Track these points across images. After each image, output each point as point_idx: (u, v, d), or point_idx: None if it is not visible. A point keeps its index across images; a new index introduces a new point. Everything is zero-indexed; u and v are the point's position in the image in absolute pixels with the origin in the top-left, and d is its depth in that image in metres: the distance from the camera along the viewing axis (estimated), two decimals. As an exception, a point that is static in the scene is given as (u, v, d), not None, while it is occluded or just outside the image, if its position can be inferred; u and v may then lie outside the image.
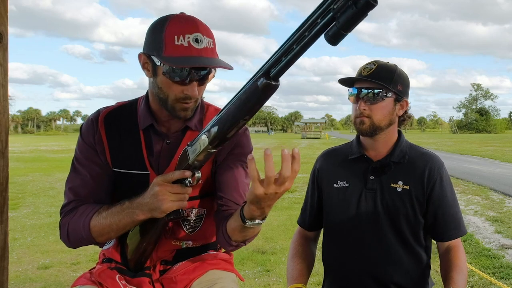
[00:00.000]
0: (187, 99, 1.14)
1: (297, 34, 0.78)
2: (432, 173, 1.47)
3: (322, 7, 0.74)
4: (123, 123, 1.27)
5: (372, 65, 1.47)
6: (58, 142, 36.32)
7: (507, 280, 3.57)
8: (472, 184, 9.34)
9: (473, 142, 34.26)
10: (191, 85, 1.12)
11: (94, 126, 1.27)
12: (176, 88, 1.12)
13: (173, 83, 1.12)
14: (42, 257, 4.20)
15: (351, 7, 0.70)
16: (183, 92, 1.12)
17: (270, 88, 0.86)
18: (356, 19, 0.71)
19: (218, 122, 0.97)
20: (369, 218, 1.47)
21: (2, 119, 1.39)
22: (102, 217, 1.17)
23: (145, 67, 1.17)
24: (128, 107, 1.30)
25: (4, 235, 1.42)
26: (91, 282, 1.28)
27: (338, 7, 0.71)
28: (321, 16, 0.74)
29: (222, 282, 1.29)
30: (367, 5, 0.69)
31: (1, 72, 1.37)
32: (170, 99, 1.14)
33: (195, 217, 1.29)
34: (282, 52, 0.81)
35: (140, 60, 1.17)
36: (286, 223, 5.62)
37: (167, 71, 1.10)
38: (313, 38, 0.77)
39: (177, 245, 1.31)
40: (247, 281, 3.53)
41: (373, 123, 1.45)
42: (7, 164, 1.41)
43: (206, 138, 1.00)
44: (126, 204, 1.15)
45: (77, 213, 1.21)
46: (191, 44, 1.08)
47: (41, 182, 9.95)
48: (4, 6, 1.37)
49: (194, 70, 1.10)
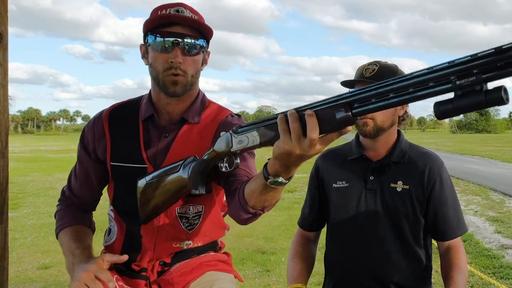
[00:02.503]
0: (173, 69, 1.16)
1: (400, 84, 0.70)
2: (432, 173, 1.47)
3: (440, 71, 0.65)
4: (126, 117, 1.31)
5: (374, 65, 1.46)
6: (58, 142, 36.30)
7: (507, 280, 3.57)
8: (472, 184, 9.34)
9: (473, 142, 34.25)
10: (174, 52, 1.16)
11: (95, 124, 1.32)
12: (162, 58, 1.17)
13: (159, 54, 1.17)
14: (42, 257, 4.20)
15: (479, 94, 0.61)
16: (168, 61, 1.16)
17: (348, 122, 0.78)
18: (478, 107, 0.62)
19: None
20: (369, 218, 1.47)
21: (2, 119, 1.39)
22: (63, 240, 1.32)
23: (144, 56, 1.24)
24: (133, 103, 1.34)
25: (4, 235, 1.42)
26: None
27: (461, 84, 0.62)
28: (436, 81, 0.65)
29: (220, 284, 1.29)
30: (498, 101, 0.60)
31: (1, 72, 1.37)
32: (160, 73, 1.18)
33: (193, 214, 1.28)
34: (374, 92, 0.74)
35: (141, 51, 1.25)
36: (286, 223, 5.62)
37: (152, 43, 1.18)
38: (417, 98, 0.69)
39: (178, 246, 1.30)
40: (247, 281, 3.52)
41: (377, 124, 1.44)
42: (7, 164, 1.41)
43: (258, 136, 0.93)
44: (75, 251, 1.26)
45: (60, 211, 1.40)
46: (172, 13, 1.17)
47: (41, 182, 9.95)
48: (4, 6, 1.37)
49: (176, 37, 1.16)
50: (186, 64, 1.18)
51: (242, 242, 4.74)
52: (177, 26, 1.16)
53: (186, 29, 1.17)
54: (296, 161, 0.87)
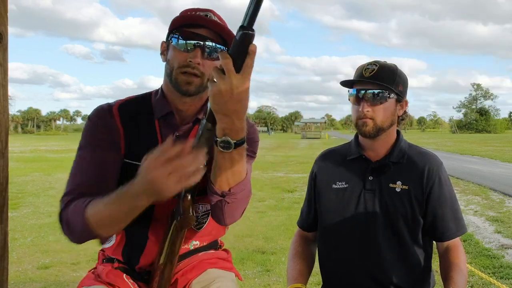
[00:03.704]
0: (190, 67, 1.15)
1: None
2: (431, 173, 1.47)
3: None
4: (139, 114, 1.26)
5: (374, 65, 1.46)
6: (58, 142, 36.31)
7: (507, 280, 3.57)
8: (472, 184, 9.34)
9: (473, 142, 34.25)
10: (194, 52, 1.15)
11: (106, 117, 1.23)
12: (180, 56, 1.16)
13: (179, 52, 1.17)
14: (42, 257, 4.20)
15: None
16: (186, 60, 1.15)
17: (248, 37, 0.88)
18: None
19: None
20: (368, 219, 1.47)
21: (2, 119, 1.39)
22: (100, 206, 1.04)
23: (163, 53, 1.24)
24: (142, 99, 1.30)
25: (4, 235, 1.42)
26: (99, 283, 1.26)
27: None
28: None
29: (221, 281, 1.29)
30: None
31: (1, 72, 1.37)
32: (175, 69, 1.17)
33: (202, 212, 1.28)
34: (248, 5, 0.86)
35: (161, 48, 1.25)
36: (286, 223, 5.62)
37: (174, 40, 1.17)
38: None
39: (186, 248, 1.30)
40: (247, 281, 3.53)
41: (376, 124, 1.44)
42: (7, 164, 1.41)
43: (204, 120, 1.02)
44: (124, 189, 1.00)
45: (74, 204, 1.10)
46: (200, 15, 1.18)
47: (41, 182, 9.95)
48: (4, 6, 1.37)
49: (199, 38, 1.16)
50: (205, 67, 1.17)
51: (242, 242, 4.74)
52: (202, 29, 1.16)
53: (210, 33, 1.17)
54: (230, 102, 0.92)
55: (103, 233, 1.08)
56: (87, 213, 1.05)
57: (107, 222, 1.04)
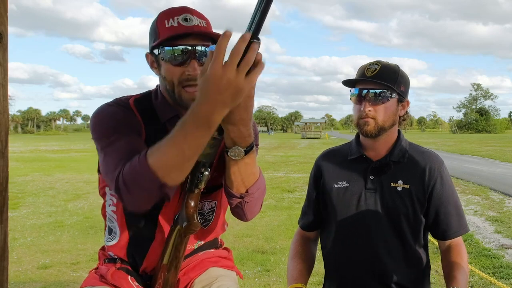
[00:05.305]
0: (191, 81, 1.12)
1: None
2: (432, 172, 1.47)
3: None
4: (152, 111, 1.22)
5: (376, 65, 1.46)
6: (58, 142, 36.32)
7: (507, 280, 3.57)
8: (472, 184, 9.35)
9: (473, 142, 34.26)
10: (191, 64, 1.12)
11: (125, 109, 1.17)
12: (177, 71, 1.13)
13: (174, 67, 1.13)
14: (42, 257, 4.19)
15: None
16: (185, 74, 1.12)
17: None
18: None
19: None
20: (369, 218, 1.47)
21: (2, 119, 1.39)
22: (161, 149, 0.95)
23: (153, 66, 1.19)
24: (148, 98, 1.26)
25: (4, 235, 1.42)
26: (104, 283, 1.24)
27: None
28: None
29: (223, 280, 1.29)
30: None
31: (1, 72, 1.37)
32: (175, 85, 1.13)
33: (208, 210, 1.28)
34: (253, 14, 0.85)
35: (148, 61, 1.20)
36: (286, 223, 5.62)
37: (165, 56, 1.12)
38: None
39: (191, 248, 1.30)
40: (247, 281, 3.52)
41: (378, 124, 1.44)
42: (7, 164, 1.41)
43: None
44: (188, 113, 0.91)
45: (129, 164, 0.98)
46: (180, 23, 1.12)
47: (41, 182, 9.94)
48: (4, 6, 1.37)
49: (189, 47, 1.11)
50: None
51: (242, 242, 4.74)
52: (189, 37, 1.12)
53: (197, 38, 1.13)
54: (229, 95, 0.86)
55: (171, 179, 0.97)
56: (149, 161, 0.95)
57: (173, 162, 0.94)
